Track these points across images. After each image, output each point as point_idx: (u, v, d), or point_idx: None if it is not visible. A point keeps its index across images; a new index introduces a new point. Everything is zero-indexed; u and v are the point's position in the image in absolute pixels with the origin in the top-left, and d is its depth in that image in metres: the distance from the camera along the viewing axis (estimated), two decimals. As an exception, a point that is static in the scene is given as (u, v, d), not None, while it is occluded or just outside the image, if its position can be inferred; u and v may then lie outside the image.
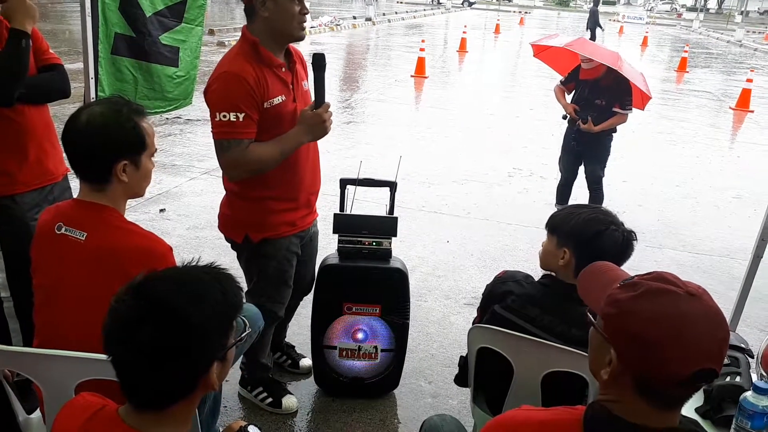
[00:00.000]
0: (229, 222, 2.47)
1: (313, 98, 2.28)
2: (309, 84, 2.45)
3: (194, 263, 1.19)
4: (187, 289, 1.10)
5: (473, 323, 2.10)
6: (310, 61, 2.31)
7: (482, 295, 2.05)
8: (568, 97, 4.97)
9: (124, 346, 1.07)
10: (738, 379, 1.75)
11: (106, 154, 1.68)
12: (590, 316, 1.15)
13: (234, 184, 2.38)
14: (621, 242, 1.81)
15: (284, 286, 2.53)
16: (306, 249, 2.64)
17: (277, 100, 2.25)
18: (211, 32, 15.16)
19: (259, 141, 2.22)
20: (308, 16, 2.32)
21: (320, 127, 2.26)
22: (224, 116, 2.14)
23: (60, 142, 1.75)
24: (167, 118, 7.41)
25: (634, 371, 1.04)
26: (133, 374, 1.09)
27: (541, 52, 5.38)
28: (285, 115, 2.28)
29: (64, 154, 1.75)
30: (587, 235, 1.82)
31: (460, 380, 2.15)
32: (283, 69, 2.30)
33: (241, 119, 2.14)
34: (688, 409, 1.71)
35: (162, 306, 1.07)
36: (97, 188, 1.71)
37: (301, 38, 2.29)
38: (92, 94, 2.91)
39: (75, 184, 2.05)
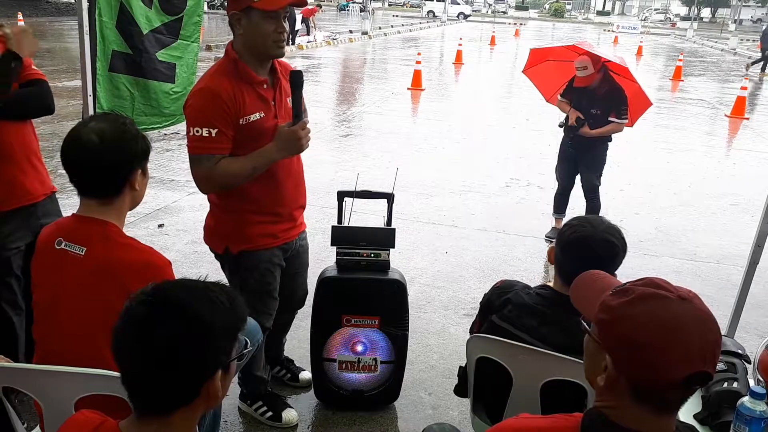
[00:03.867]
0: (212, 233, 2.49)
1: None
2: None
3: (202, 279, 1.22)
4: (198, 294, 1.14)
5: (470, 330, 2.11)
6: (289, 78, 2.32)
7: (480, 303, 2.07)
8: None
9: (135, 345, 1.09)
10: (735, 384, 1.75)
11: (126, 165, 1.73)
12: (584, 324, 1.16)
13: (216, 196, 2.41)
14: (583, 240, 1.80)
15: (268, 297, 2.53)
16: (294, 262, 2.64)
17: (255, 116, 2.26)
18: (209, 48, 15.26)
19: (235, 155, 2.24)
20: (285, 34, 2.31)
21: (295, 144, 2.25)
22: (197, 131, 2.17)
23: (62, 163, 1.74)
24: (165, 134, 7.44)
25: (629, 376, 1.05)
26: (140, 374, 1.11)
27: (532, 66, 5.42)
28: (264, 131, 2.29)
29: (68, 175, 1.75)
30: (562, 230, 1.90)
31: (460, 391, 2.15)
32: (265, 86, 2.31)
33: (213, 135, 2.17)
34: (686, 415, 1.72)
35: (175, 305, 1.11)
36: (106, 202, 1.73)
37: (278, 56, 2.31)
38: (90, 111, 2.93)
39: (68, 201, 2.06)
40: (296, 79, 2.26)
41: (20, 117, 2.40)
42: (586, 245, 1.79)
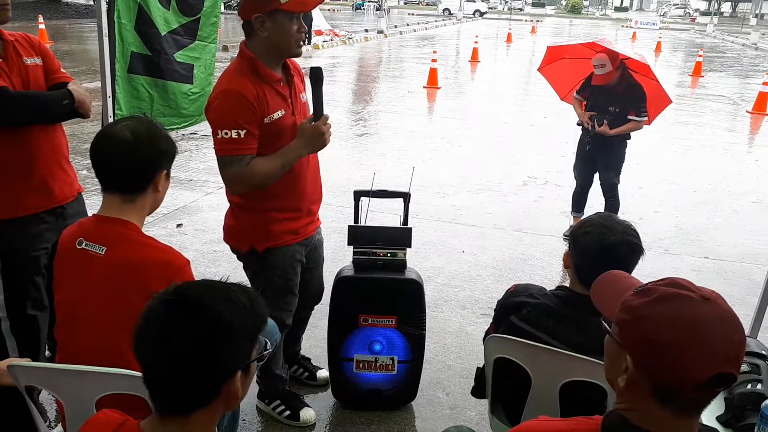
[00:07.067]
0: (234, 233, 2.50)
1: (311, 111, 2.31)
2: (307, 96, 2.49)
3: (223, 280, 1.23)
4: (219, 294, 1.15)
5: (485, 335, 2.10)
6: (308, 74, 2.34)
7: (494, 310, 2.05)
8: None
9: (156, 345, 1.10)
10: (759, 386, 1.72)
11: (154, 162, 1.76)
12: (605, 324, 1.15)
13: (237, 196, 2.41)
14: (605, 246, 1.76)
15: (290, 294, 2.56)
16: (311, 256, 2.66)
17: (277, 114, 2.29)
18: (225, 48, 15.35)
19: (261, 155, 2.25)
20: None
21: (319, 140, 2.29)
22: (226, 133, 2.18)
23: (91, 161, 1.77)
24: (183, 134, 7.50)
25: (651, 377, 1.04)
26: (161, 374, 1.11)
27: (548, 63, 5.38)
28: (285, 128, 2.32)
29: (94, 170, 1.78)
30: (575, 234, 1.86)
31: (477, 392, 2.14)
32: (281, 83, 2.34)
33: (242, 136, 2.18)
34: (709, 417, 1.70)
35: (196, 305, 1.11)
36: (128, 199, 1.75)
37: (298, 55, 2.33)
38: (110, 112, 2.96)
39: (91, 202, 2.09)
40: (316, 75, 2.28)
41: (39, 117, 2.41)
42: (607, 251, 1.75)
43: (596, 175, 5.01)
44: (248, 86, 2.20)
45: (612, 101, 4.66)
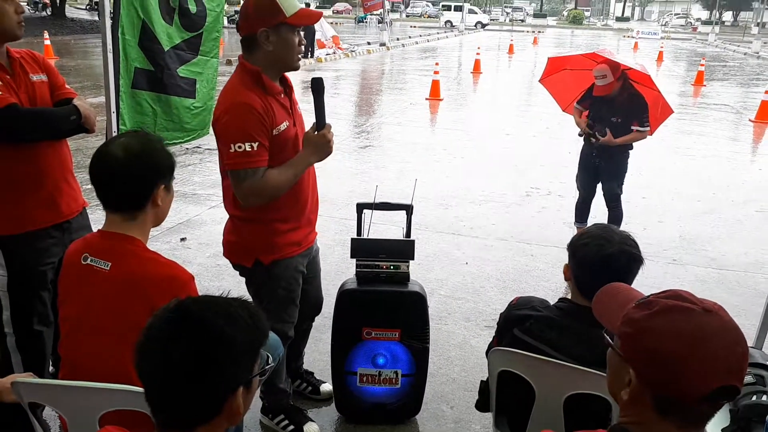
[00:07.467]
0: (237, 248, 2.49)
1: (315, 121, 2.33)
2: (303, 108, 2.50)
3: (224, 295, 1.23)
4: (220, 310, 1.15)
5: (488, 348, 2.10)
6: (310, 85, 2.36)
7: (497, 323, 2.05)
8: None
9: (158, 362, 1.10)
10: (765, 398, 1.71)
11: (148, 179, 1.75)
12: (607, 337, 1.15)
13: (239, 209, 2.40)
14: (604, 257, 1.76)
15: (292, 305, 2.56)
16: (310, 266, 2.67)
17: (283, 126, 2.31)
18: (229, 62, 15.46)
19: (270, 167, 2.27)
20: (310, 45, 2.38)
21: (326, 147, 2.33)
22: (239, 147, 2.18)
23: (90, 177, 1.78)
24: (187, 149, 7.53)
25: (654, 390, 1.03)
26: (163, 391, 1.11)
27: (549, 75, 5.40)
28: (289, 140, 2.34)
29: (94, 189, 1.79)
30: (574, 246, 1.86)
31: (482, 406, 2.13)
32: (282, 95, 2.36)
33: (255, 148, 2.19)
34: (715, 429, 1.68)
35: (198, 322, 1.12)
36: (129, 217, 1.75)
37: (297, 68, 2.36)
38: (114, 128, 2.98)
39: (96, 216, 2.10)
40: (317, 85, 2.31)
41: (46, 133, 2.43)
42: (606, 261, 1.76)
43: (599, 186, 5.01)
44: (256, 99, 2.22)
45: (614, 112, 4.66)
